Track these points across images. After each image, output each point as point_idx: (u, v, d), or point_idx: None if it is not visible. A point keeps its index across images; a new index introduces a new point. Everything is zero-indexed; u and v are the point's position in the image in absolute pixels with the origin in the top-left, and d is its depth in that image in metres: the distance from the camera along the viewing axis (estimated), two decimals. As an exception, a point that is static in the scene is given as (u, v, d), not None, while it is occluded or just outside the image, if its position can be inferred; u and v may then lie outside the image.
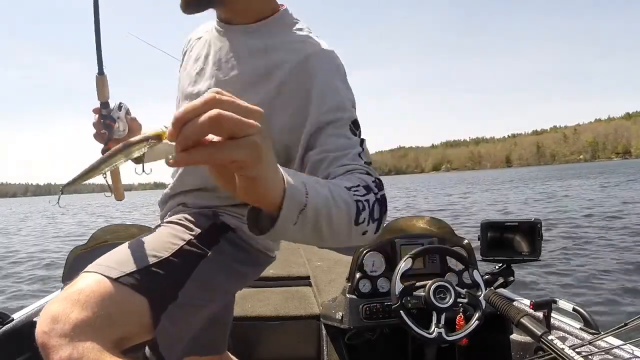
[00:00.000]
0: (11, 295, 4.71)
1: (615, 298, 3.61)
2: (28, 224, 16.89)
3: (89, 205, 34.08)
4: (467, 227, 7.70)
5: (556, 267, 4.60)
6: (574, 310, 1.33)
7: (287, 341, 1.74)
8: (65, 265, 1.42)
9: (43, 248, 8.46)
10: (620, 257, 4.92)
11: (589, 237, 6.31)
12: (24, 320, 1.42)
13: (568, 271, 4.47)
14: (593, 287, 3.91)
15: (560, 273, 4.41)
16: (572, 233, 6.75)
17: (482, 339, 1.38)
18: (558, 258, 5.02)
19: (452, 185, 35.18)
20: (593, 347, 1.20)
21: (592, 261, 4.86)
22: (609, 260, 4.81)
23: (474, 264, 1.45)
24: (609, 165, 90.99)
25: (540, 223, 1.52)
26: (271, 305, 1.82)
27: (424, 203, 16.60)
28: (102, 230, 1.48)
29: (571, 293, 3.83)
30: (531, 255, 1.53)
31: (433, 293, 1.23)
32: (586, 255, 5.15)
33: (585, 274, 4.32)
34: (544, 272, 4.40)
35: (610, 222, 7.73)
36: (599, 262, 4.77)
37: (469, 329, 1.23)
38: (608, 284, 3.96)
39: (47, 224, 16.36)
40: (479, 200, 15.58)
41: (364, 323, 1.42)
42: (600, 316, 3.23)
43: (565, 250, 5.46)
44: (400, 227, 1.57)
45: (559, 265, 4.69)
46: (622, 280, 4.04)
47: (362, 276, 1.45)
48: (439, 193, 23.97)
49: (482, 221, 1.55)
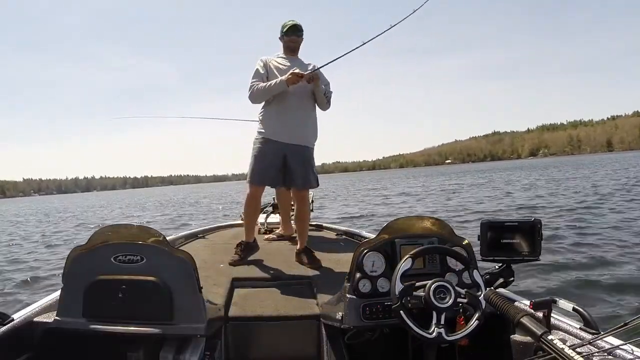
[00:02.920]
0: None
1: (615, 298, 3.60)
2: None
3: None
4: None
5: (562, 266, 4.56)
6: (574, 310, 1.33)
7: (287, 341, 1.74)
8: (65, 265, 1.42)
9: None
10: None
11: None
12: (24, 320, 1.42)
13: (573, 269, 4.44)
14: (593, 287, 3.90)
15: (561, 272, 4.40)
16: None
17: (482, 339, 1.37)
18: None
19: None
20: (593, 347, 1.20)
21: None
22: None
23: (474, 264, 1.45)
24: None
25: (540, 223, 1.52)
26: (271, 305, 1.82)
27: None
28: (102, 230, 1.48)
29: (571, 293, 3.82)
30: (531, 256, 1.53)
31: (433, 293, 1.23)
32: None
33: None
34: (544, 272, 4.40)
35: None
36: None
37: (469, 329, 1.23)
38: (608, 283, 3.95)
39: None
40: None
41: (363, 323, 1.41)
42: (599, 316, 3.22)
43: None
44: (400, 227, 1.56)
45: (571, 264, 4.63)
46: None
47: (362, 276, 1.45)
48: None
49: (482, 221, 1.55)
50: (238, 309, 1.79)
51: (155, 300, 1.36)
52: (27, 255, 7.85)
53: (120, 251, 1.40)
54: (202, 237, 3.33)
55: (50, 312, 1.46)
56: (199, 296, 1.40)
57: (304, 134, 2.52)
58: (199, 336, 1.39)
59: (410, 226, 1.58)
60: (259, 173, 2.49)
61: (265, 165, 2.48)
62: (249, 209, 2.62)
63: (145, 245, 1.42)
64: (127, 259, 1.39)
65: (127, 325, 1.34)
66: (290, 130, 2.46)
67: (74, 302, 1.37)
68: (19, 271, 6.19)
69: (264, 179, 2.52)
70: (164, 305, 1.36)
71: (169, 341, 1.42)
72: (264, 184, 2.56)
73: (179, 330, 1.37)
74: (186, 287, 1.39)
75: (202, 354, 1.42)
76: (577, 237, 6.00)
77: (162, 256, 1.40)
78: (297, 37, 2.60)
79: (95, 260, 1.40)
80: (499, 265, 1.56)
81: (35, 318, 1.44)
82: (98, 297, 1.36)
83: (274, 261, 2.51)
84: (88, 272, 1.38)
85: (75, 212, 23.72)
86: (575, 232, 6.34)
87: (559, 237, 5.96)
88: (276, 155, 2.47)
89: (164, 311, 1.36)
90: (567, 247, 5.40)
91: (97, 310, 1.36)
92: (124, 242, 1.43)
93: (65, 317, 1.38)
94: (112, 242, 1.43)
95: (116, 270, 1.38)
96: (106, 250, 1.41)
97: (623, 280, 3.94)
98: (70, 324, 1.37)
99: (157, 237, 1.45)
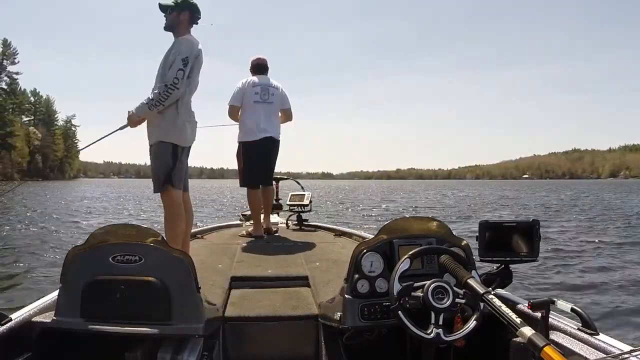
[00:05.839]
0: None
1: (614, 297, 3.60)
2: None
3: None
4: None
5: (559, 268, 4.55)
6: (572, 310, 1.33)
7: (285, 341, 1.74)
8: (64, 265, 1.42)
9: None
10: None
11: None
12: (22, 320, 1.41)
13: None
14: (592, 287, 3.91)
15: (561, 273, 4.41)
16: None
17: (481, 340, 1.38)
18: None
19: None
20: (592, 347, 1.20)
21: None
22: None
23: (472, 264, 1.45)
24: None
25: (538, 224, 1.52)
26: (269, 306, 1.82)
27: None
28: (100, 231, 1.47)
29: (570, 293, 3.83)
30: (529, 256, 1.52)
31: (431, 293, 1.23)
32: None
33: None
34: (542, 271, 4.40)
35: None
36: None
37: (467, 330, 1.23)
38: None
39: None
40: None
41: (362, 323, 1.41)
42: (598, 316, 3.23)
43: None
44: (398, 228, 1.56)
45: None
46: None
47: (360, 276, 1.44)
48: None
49: (481, 222, 1.55)
50: (236, 309, 1.79)
51: (153, 300, 1.36)
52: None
53: (118, 251, 1.39)
54: (200, 238, 3.34)
55: (49, 312, 1.46)
56: (197, 296, 1.40)
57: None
58: (196, 336, 1.39)
59: (409, 227, 1.58)
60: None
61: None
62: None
63: (143, 245, 1.42)
64: (126, 259, 1.39)
65: (125, 325, 1.34)
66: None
67: (72, 302, 1.37)
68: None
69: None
70: (162, 305, 1.36)
71: (167, 341, 1.41)
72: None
73: (176, 331, 1.36)
74: (184, 288, 1.38)
75: (200, 354, 1.42)
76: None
77: (160, 256, 1.40)
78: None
79: (93, 260, 1.40)
80: (497, 266, 1.56)
81: (34, 318, 1.44)
82: (96, 297, 1.36)
83: (272, 261, 2.51)
84: (86, 272, 1.38)
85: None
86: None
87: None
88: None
89: (162, 311, 1.36)
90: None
91: (95, 310, 1.36)
92: (122, 242, 1.43)
93: (64, 317, 1.38)
94: (110, 242, 1.43)
95: (114, 271, 1.38)
96: (104, 250, 1.40)
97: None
98: (69, 324, 1.37)
99: (155, 237, 1.45)
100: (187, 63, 2.29)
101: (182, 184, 2.46)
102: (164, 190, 2.39)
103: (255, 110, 3.38)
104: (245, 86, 3.40)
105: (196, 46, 2.37)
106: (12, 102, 62.58)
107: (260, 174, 3.47)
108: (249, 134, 3.39)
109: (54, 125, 74.85)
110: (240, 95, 3.41)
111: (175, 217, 2.40)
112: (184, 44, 2.33)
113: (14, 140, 58.48)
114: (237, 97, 3.42)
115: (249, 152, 3.41)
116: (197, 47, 2.37)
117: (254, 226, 3.41)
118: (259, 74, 3.50)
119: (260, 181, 3.49)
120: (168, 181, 2.37)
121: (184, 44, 2.34)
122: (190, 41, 2.37)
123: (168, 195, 2.40)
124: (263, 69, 3.54)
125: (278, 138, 3.49)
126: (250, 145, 3.39)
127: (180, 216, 2.41)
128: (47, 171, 65.57)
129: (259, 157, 3.41)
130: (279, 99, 3.48)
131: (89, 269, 1.38)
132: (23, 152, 60.87)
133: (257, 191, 3.46)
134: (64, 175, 75.91)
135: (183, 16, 2.42)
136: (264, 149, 3.40)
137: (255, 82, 3.43)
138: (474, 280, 1.22)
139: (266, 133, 3.37)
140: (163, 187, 2.38)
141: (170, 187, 2.38)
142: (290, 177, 4.56)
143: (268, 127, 3.38)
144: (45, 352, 1.42)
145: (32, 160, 64.00)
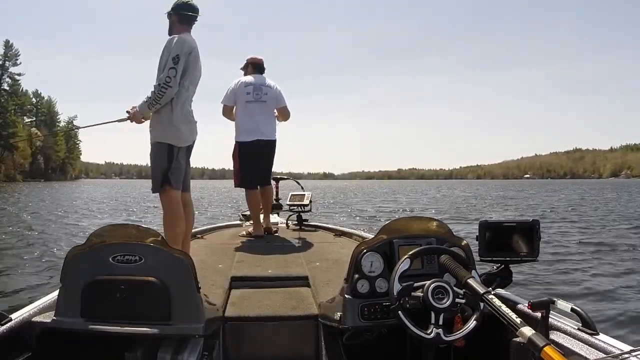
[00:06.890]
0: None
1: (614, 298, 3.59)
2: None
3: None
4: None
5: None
6: (572, 310, 1.32)
7: (285, 341, 1.74)
8: (64, 265, 1.42)
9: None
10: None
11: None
12: (22, 320, 1.41)
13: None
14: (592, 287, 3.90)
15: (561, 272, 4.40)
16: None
17: (481, 340, 1.37)
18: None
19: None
20: (592, 347, 1.20)
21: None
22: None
23: (472, 264, 1.45)
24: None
25: (538, 223, 1.51)
26: (269, 306, 1.82)
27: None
28: (100, 231, 1.47)
29: (570, 293, 3.81)
30: (529, 256, 1.52)
31: (431, 293, 1.22)
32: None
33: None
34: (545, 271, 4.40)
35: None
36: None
37: (467, 330, 1.23)
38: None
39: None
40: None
41: (362, 323, 1.41)
42: (598, 316, 3.22)
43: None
44: (398, 228, 1.56)
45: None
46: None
47: (360, 276, 1.44)
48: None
49: (481, 221, 1.55)
50: (236, 309, 1.79)
51: (154, 300, 1.36)
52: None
53: (118, 251, 1.39)
54: (200, 238, 3.34)
55: (49, 312, 1.46)
56: (197, 296, 1.40)
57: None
58: (197, 336, 1.39)
59: (409, 226, 1.57)
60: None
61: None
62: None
63: (143, 245, 1.42)
64: (126, 259, 1.39)
65: (125, 325, 1.34)
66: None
67: (72, 302, 1.37)
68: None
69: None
70: (162, 305, 1.36)
71: (167, 341, 1.42)
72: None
73: (177, 331, 1.37)
74: (184, 287, 1.39)
75: (200, 354, 1.42)
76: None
77: (160, 256, 1.40)
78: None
79: (93, 260, 1.40)
80: (497, 266, 1.56)
81: (34, 318, 1.44)
82: (96, 297, 1.36)
83: (272, 261, 2.52)
84: (86, 272, 1.38)
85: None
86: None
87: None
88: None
89: (162, 311, 1.36)
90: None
91: (95, 310, 1.36)
92: (122, 242, 1.43)
93: (64, 317, 1.38)
94: (110, 242, 1.43)
95: (114, 270, 1.38)
96: (104, 250, 1.41)
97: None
98: (69, 324, 1.37)
99: (155, 238, 1.45)
100: (177, 61, 2.30)
101: (181, 184, 2.46)
102: (161, 190, 2.40)
103: (248, 110, 3.38)
104: (237, 86, 3.41)
105: (188, 43, 2.37)
106: (14, 103, 62.80)
107: (256, 174, 3.47)
108: (243, 134, 3.41)
109: (56, 127, 75.10)
110: (232, 95, 3.42)
111: (174, 217, 2.40)
112: (174, 43, 2.34)
113: (16, 140, 58.73)
114: (229, 97, 3.44)
115: (243, 152, 3.42)
116: (188, 44, 2.37)
117: (254, 226, 3.41)
118: (254, 74, 3.50)
119: (256, 182, 3.50)
120: (165, 181, 2.38)
121: (174, 42, 2.34)
122: (181, 39, 2.37)
123: (166, 195, 2.40)
124: (258, 68, 3.53)
125: (273, 138, 3.48)
126: (245, 145, 3.41)
127: (179, 216, 2.41)
128: (49, 172, 66.02)
129: (254, 158, 3.41)
130: (273, 97, 3.45)
131: (89, 269, 1.38)
132: (25, 152, 61.24)
133: (255, 191, 3.47)
134: (65, 176, 76.46)
135: (174, 17, 2.48)
136: (258, 150, 3.41)
137: (248, 81, 3.43)
138: (474, 280, 1.21)
139: (259, 134, 3.38)
140: (161, 187, 2.39)
141: (168, 187, 2.38)
142: (290, 177, 4.56)
143: (262, 126, 3.39)
144: (45, 352, 1.42)
145: (34, 161, 64.36)
